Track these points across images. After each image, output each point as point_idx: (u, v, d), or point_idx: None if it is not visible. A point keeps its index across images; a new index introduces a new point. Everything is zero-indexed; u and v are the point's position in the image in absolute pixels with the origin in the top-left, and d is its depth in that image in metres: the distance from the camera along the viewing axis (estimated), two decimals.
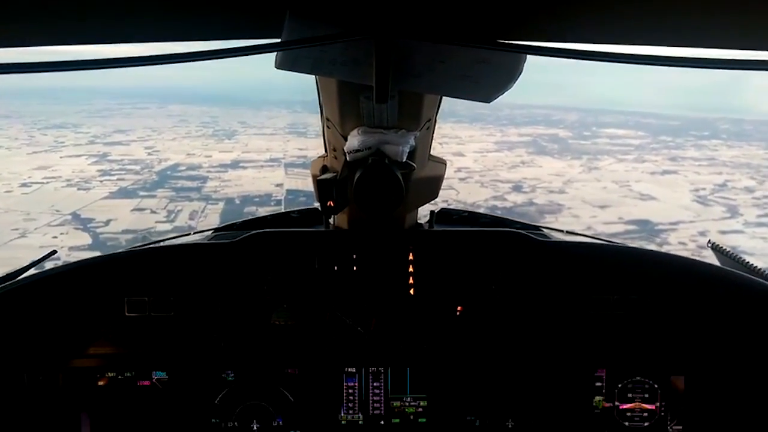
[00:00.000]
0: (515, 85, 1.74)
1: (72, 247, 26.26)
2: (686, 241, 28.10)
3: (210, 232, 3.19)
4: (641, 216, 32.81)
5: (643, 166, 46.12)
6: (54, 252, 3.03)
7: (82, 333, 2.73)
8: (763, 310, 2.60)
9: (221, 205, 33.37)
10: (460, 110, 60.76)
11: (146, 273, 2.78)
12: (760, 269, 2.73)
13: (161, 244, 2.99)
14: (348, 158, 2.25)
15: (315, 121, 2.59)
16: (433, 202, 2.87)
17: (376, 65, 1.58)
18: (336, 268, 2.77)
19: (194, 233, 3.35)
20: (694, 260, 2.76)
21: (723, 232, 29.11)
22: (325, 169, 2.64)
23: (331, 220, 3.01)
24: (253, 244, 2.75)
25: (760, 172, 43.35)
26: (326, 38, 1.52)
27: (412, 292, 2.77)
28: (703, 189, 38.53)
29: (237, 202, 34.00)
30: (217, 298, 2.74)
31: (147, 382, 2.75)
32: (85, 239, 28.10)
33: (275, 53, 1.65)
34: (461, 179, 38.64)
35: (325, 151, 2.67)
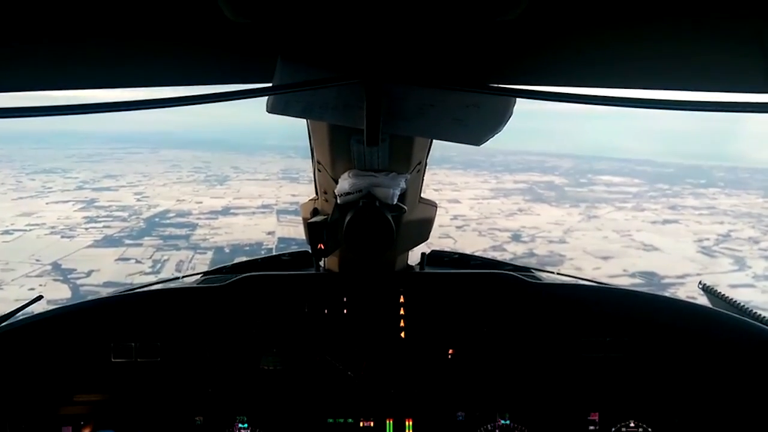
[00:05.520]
0: (505, 129, 1.73)
1: (50, 300, 24.69)
2: (696, 295, 26.90)
3: (199, 276, 3.13)
4: (646, 268, 31.67)
5: (642, 214, 45.38)
6: (40, 297, 2.90)
7: (67, 380, 2.65)
8: (754, 350, 2.56)
9: (210, 254, 32.17)
10: (454, 156, 60.88)
11: (133, 318, 2.71)
12: (750, 310, 2.71)
13: (148, 288, 2.91)
14: (339, 201, 2.22)
15: (308, 167, 2.56)
16: (424, 244, 2.85)
17: (367, 109, 1.58)
18: (326, 311, 2.74)
19: (183, 277, 3.26)
20: (686, 302, 2.76)
21: (733, 286, 27.92)
22: (316, 212, 2.62)
23: (321, 263, 2.98)
24: (243, 287, 2.71)
25: (762, 221, 42.75)
26: (317, 83, 1.52)
27: (403, 335, 2.74)
28: (707, 239, 37.54)
29: (226, 251, 32.82)
30: (205, 342, 2.68)
31: None
32: (65, 292, 26.72)
33: (267, 98, 1.65)
34: (458, 227, 37.64)
35: (316, 193, 2.65)
